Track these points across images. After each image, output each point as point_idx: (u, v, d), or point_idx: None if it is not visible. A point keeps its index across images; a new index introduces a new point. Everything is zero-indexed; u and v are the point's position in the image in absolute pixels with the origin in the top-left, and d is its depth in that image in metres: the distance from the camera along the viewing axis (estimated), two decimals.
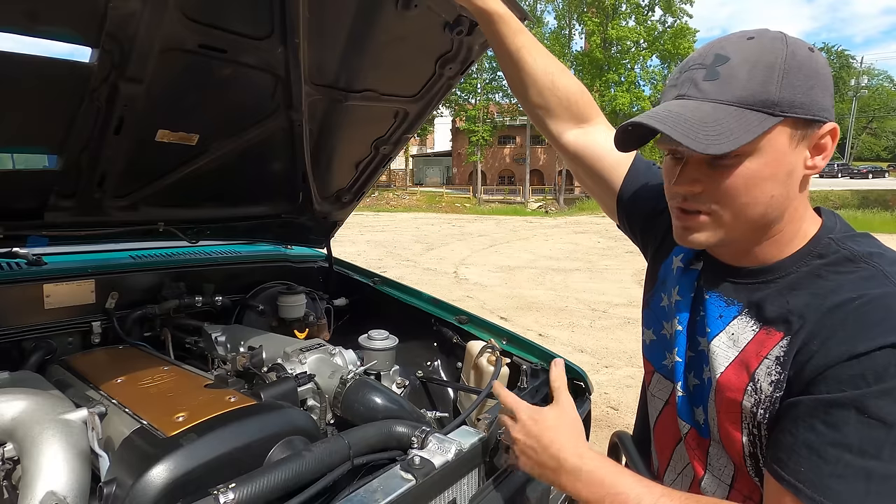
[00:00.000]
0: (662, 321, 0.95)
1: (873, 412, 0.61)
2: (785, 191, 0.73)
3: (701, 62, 0.73)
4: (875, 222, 16.31)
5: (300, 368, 1.46)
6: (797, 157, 0.72)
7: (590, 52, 27.45)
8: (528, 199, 29.69)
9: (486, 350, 1.62)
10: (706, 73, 0.72)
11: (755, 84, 0.69)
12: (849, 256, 0.72)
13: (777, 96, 0.68)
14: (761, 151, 0.70)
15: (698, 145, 0.67)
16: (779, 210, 0.74)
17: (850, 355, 0.64)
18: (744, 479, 0.81)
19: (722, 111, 0.69)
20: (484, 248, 13.34)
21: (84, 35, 1.14)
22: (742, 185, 0.71)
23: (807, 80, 0.69)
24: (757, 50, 0.70)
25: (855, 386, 0.63)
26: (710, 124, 0.68)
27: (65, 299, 1.64)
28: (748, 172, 0.71)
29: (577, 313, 6.78)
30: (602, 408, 3.87)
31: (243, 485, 0.86)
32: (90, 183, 1.52)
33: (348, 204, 2.25)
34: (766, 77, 0.69)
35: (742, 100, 0.69)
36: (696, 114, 0.70)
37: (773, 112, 0.69)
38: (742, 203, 0.73)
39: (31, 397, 1.03)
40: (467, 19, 1.50)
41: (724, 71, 0.71)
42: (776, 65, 0.69)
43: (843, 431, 0.63)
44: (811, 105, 0.70)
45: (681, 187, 0.76)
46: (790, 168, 0.72)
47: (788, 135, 0.70)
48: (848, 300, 0.68)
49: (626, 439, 1.09)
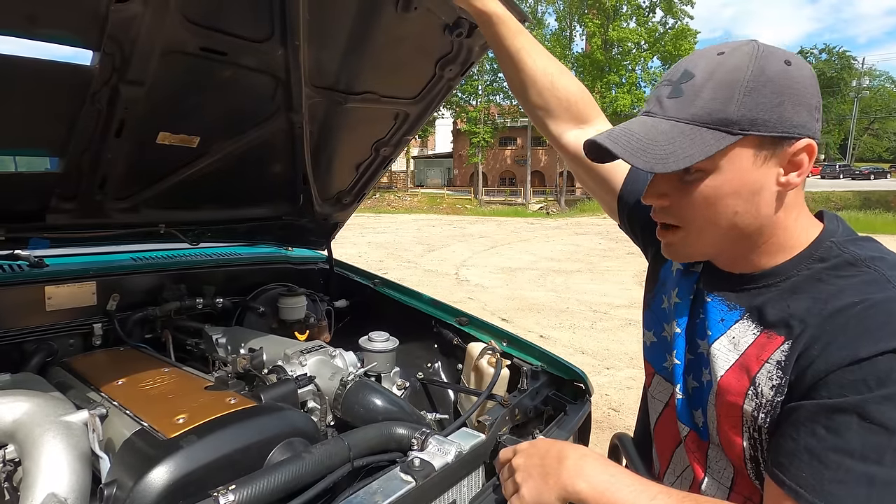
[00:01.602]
0: (663, 323, 0.95)
1: (875, 417, 0.61)
2: (751, 207, 0.73)
3: (669, 78, 0.75)
4: (877, 223, 16.29)
5: (300, 370, 1.46)
6: (765, 174, 0.71)
7: (591, 53, 27.48)
8: (529, 201, 29.69)
9: (487, 352, 1.62)
10: (671, 91, 0.73)
11: (716, 103, 0.69)
12: (850, 260, 0.72)
13: (736, 115, 0.68)
14: (721, 169, 0.71)
15: (644, 164, 0.69)
16: (749, 225, 0.74)
17: (852, 360, 0.64)
18: (743, 481, 0.81)
19: (677, 130, 0.70)
20: (485, 250, 13.34)
21: (85, 38, 1.14)
22: (702, 201, 0.73)
23: (774, 96, 0.68)
24: (723, 67, 0.70)
25: (857, 391, 0.63)
26: (661, 143, 0.70)
27: (66, 301, 1.65)
28: (709, 189, 0.72)
29: (579, 315, 6.78)
30: (603, 409, 3.87)
31: (243, 486, 0.86)
32: (91, 185, 1.52)
33: (349, 206, 2.25)
34: (726, 95, 0.68)
35: (698, 118, 0.70)
36: (651, 132, 0.71)
37: (731, 130, 0.69)
38: (706, 216, 0.74)
39: (32, 399, 1.04)
40: (467, 21, 1.50)
41: (686, 88, 0.71)
42: (738, 82, 0.68)
43: (845, 437, 0.62)
44: (779, 122, 0.68)
45: (648, 199, 0.79)
46: (756, 186, 0.72)
47: (752, 153, 0.70)
48: (850, 304, 0.67)
49: (627, 441, 1.09)
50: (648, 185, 0.79)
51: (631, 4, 26.93)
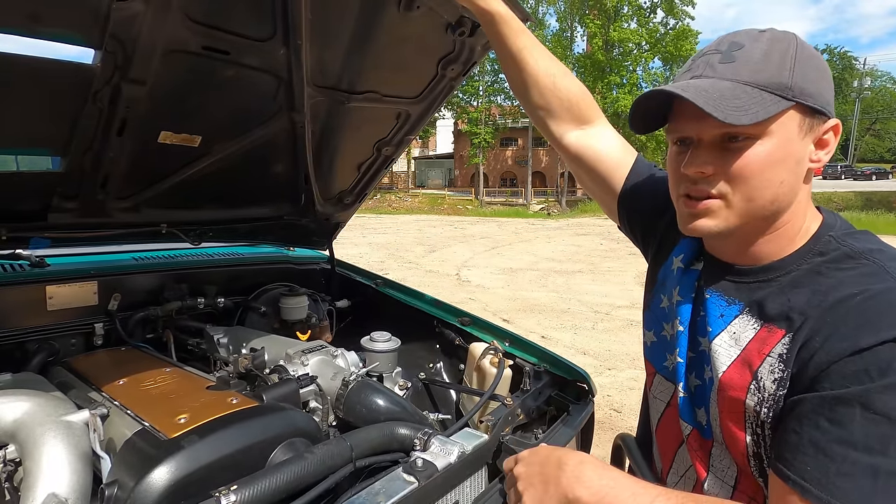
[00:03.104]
0: (663, 322, 0.95)
1: (878, 408, 0.61)
2: (793, 178, 0.74)
3: (716, 49, 0.76)
4: (879, 224, 16.25)
5: (302, 370, 1.46)
6: (804, 146, 0.74)
7: (591, 54, 27.47)
8: (530, 202, 29.67)
9: (489, 352, 1.62)
10: (722, 57, 0.74)
11: (771, 67, 0.71)
12: (849, 253, 0.73)
13: (790, 81, 0.70)
14: (772, 135, 0.71)
15: (720, 114, 0.68)
16: (787, 198, 0.75)
17: (854, 350, 0.64)
18: (747, 480, 0.80)
19: (739, 89, 0.71)
20: (486, 250, 13.33)
21: (87, 37, 1.14)
22: (755, 167, 0.72)
23: (816, 71, 0.72)
24: (770, 39, 0.73)
25: (859, 381, 0.62)
26: (729, 98, 0.70)
27: (67, 301, 1.65)
28: (760, 154, 0.72)
29: (580, 315, 6.77)
30: (605, 410, 3.86)
31: (245, 487, 0.86)
32: (93, 185, 1.52)
33: (350, 206, 2.25)
34: (780, 62, 0.71)
35: (757, 81, 0.71)
36: (715, 87, 0.71)
37: (786, 95, 0.70)
38: (754, 185, 0.73)
39: (33, 399, 1.03)
40: (469, 20, 1.49)
41: (739, 55, 0.73)
42: (789, 52, 0.72)
43: (849, 428, 0.62)
44: (819, 96, 0.72)
45: (691, 169, 0.75)
46: (799, 156, 0.74)
47: (798, 122, 0.72)
48: (850, 296, 0.68)
49: (630, 442, 1.08)
50: (689, 155, 0.75)
51: (632, 5, 26.90)
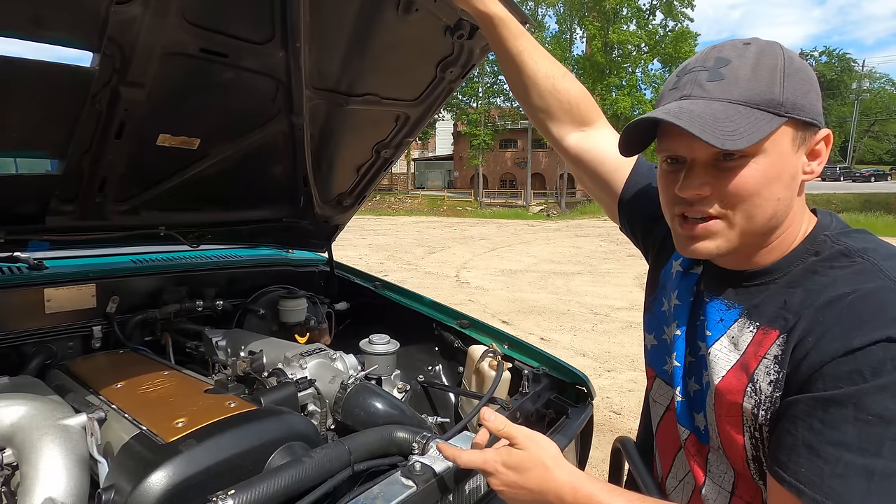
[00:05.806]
0: (663, 326, 0.94)
1: (871, 409, 0.61)
2: (789, 193, 0.73)
3: (702, 65, 0.73)
4: (878, 225, 16.27)
5: (301, 373, 1.45)
6: (797, 160, 0.73)
7: (591, 55, 27.51)
8: (529, 203, 29.67)
9: (488, 354, 1.62)
10: (709, 75, 0.72)
11: (761, 84, 0.69)
12: (843, 251, 0.72)
13: (781, 97, 0.69)
14: (766, 152, 0.70)
15: (716, 140, 0.66)
16: (784, 213, 0.74)
17: (846, 351, 0.63)
18: (744, 485, 0.80)
19: (732, 109, 0.69)
20: (485, 252, 13.33)
21: (85, 40, 1.14)
22: (752, 186, 0.71)
23: (805, 83, 0.71)
24: (757, 52, 0.71)
25: (852, 382, 0.62)
26: (721, 121, 0.68)
27: (66, 303, 1.64)
28: (756, 173, 0.70)
29: (579, 317, 6.77)
30: (604, 412, 3.86)
31: (243, 491, 0.86)
32: (91, 187, 1.52)
33: (349, 208, 2.25)
34: (770, 78, 0.69)
35: (748, 99, 0.69)
36: (707, 111, 0.69)
37: (778, 112, 0.69)
38: (754, 203, 0.71)
39: (30, 402, 1.03)
40: (468, 23, 1.50)
41: (727, 72, 0.71)
42: (778, 66, 0.70)
43: (842, 430, 0.62)
44: (811, 108, 0.71)
45: (688, 192, 0.74)
46: (793, 170, 0.72)
47: (791, 136, 0.71)
48: (842, 295, 0.67)
49: (630, 445, 1.08)
50: (684, 177, 0.74)
51: (631, 7, 26.95)
